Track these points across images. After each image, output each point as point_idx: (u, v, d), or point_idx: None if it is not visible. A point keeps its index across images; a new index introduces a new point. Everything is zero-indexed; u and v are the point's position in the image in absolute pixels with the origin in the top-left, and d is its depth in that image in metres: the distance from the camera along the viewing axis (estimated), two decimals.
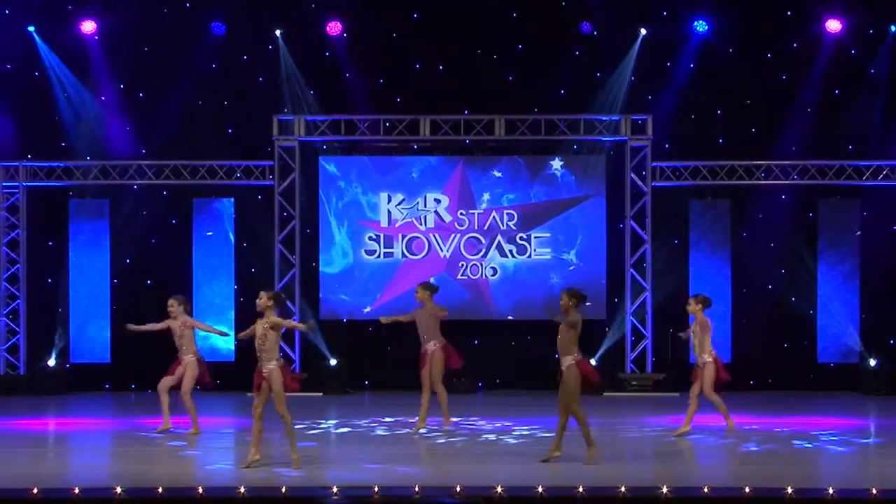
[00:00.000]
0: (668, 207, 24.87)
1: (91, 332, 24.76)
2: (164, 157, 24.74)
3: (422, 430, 18.12)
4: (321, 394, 23.92)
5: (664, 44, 24.74)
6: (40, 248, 24.97)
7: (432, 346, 18.61)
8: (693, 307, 18.24)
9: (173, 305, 18.50)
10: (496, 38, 24.80)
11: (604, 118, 24.63)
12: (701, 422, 18.80)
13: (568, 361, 15.51)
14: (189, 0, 24.84)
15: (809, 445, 17.03)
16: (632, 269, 24.59)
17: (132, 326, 18.73)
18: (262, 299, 15.14)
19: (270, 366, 14.83)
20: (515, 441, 17.35)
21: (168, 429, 17.97)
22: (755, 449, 16.68)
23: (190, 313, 18.65)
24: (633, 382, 24.33)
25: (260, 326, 14.98)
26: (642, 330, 24.57)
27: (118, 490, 12.51)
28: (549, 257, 24.88)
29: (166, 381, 18.24)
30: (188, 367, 18.22)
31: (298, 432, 18.26)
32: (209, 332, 19.43)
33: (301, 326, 15.97)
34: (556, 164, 24.98)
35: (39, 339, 24.90)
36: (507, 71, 24.89)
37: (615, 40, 24.73)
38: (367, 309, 24.73)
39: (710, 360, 18.07)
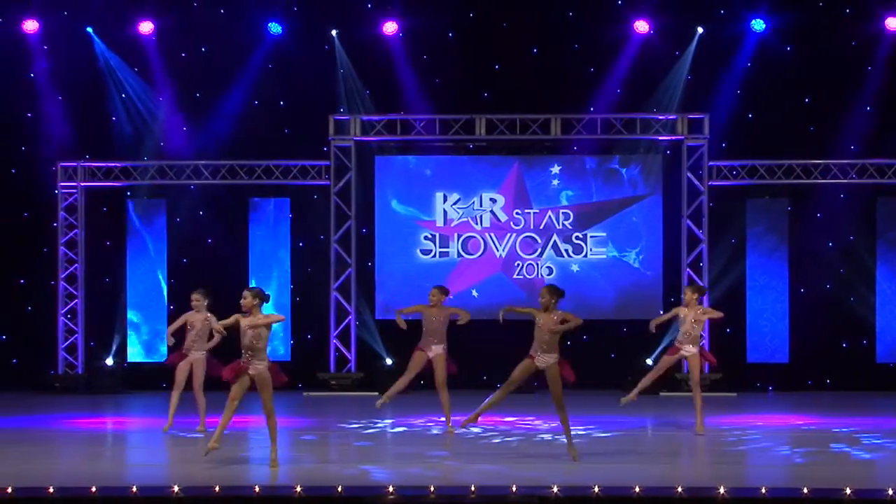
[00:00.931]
0: (725, 207, 24.74)
1: (149, 331, 24.89)
2: (220, 157, 24.85)
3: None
4: (377, 393, 23.88)
5: (721, 42, 24.61)
6: (98, 248, 25.12)
7: (440, 350, 18.49)
8: (689, 297, 18.26)
9: (198, 299, 18.09)
10: (553, 36, 24.72)
11: (660, 117, 24.53)
12: (755, 422, 18.68)
13: (553, 359, 16.21)
14: (246, 1, 24.90)
15: (866, 445, 16.89)
16: (688, 269, 24.47)
17: (170, 336, 18.43)
18: (248, 298, 14.77)
19: (260, 366, 14.72)
20: None
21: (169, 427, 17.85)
22: (811, 450, 16.54)
23: (212, 308, 18.17)
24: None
25: (247, 325, 14.68)
26: None
27: (175, 489, 12.55)
28: (604, 257, 24.81)
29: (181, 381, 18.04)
30: (197, 365, 18.05)
31: (354, 432, 18.33)
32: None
33: (281, 317, 15.35)
34: (612, 163, 24.90)
35: (97, 338, 25.07)
36: (564, 70, 24.82)
37: (672, 39, 24.63)
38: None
39: (696, 351, 18.18)
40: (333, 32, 24.88)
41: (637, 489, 12.52)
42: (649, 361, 24.30)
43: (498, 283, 24.84)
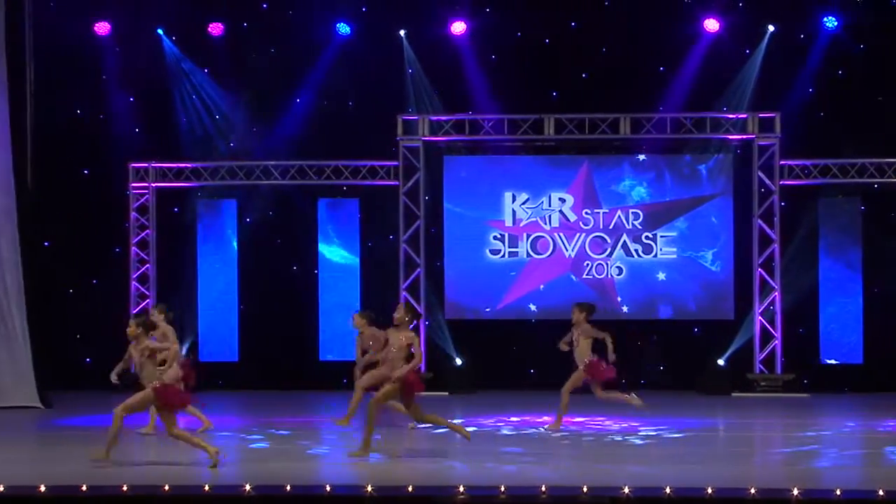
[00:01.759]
0: (797, 206, 24.53)
1: (219, 331, 25.02)
2: (290, 158, 24.94)
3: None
4: (447, 393, 23.93)
5: (792, 40, 24.42)
6: (169, 248, 25.27)
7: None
8: (577, 316, 18.54)
9: (153, 314, 17.69)
10: (622, 36, 24.61)
11: (731, 116, 24.37)
12: (828, 423, 18.50)
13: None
14: (315, 1, 24.97)
15: None
16: (760, 269, 24.29)
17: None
18: (131, 327, 14.81)
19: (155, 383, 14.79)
20: (642, 442, 17.20)
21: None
22: (886, 451, 16.35)
23: (172, 322, 17.84)
24: (763, 383, 24.01)
25: (135, 353, 14.77)
26: (771, 330, 24.24)
27: (247, 488, 12.58)
28: (675, 257, 24.68)
29: None
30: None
31: (423, 431, 18.30)
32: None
33: (160, 346, 15.30)
34: (682, 162, 24.77)
35: None
36: (633, 69, 24.69)
37: (742, 37, 24.46)
38: (487, 309, 24.72)
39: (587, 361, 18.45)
40: (402, 32, 24.91)
41: (709, 490, 12.41)
42: (721, 362, 24.19)
43: (567, 283, 24.77)
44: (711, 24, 24.38)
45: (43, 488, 12.64)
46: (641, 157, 24.83)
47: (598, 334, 18.50)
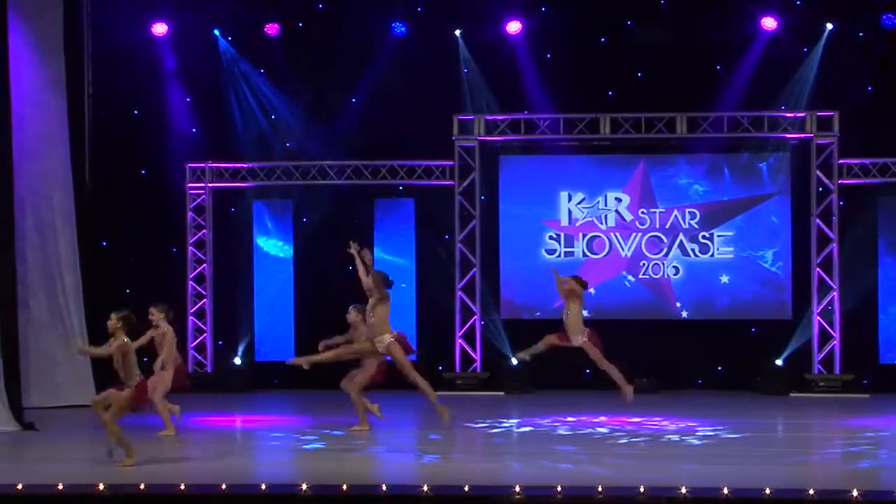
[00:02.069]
0: (856, 205, 24.33)
1: (275, 330, 25.10)
2: (346, 158, 24.97)
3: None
4: (502, 393, 23.91)
5: (851, 38, 24.20)
6: (226, 248, 25.37)
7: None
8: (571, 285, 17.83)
9: (153, 314, 17.44)
10: (678, 34, 24.48)
11: (789, 115, 24.20)
12: (888, 424, 18.36)
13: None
14: (370, 1, 25.00)
15: None
16: (818, 269, 24.11)
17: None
18: (112, 321, 14.65)
19: (130, 383, 14.68)
20: (699, 442, 17.12)
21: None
22: None
23: (172, 322, 17.68)
24: (821, 383, 23.82)
25: (115, 349, 14.59)
26: (830, 330, 24.05)
27: (304, 487, 12.61)
28: (732, 256, 24.53)
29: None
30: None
31: (480, 431, 18.30)
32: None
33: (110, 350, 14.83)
34: (739, 162, 24.63)
35: (226, 337, 25.34)
36: (689, 68, 24.56)
37: (800, 35, 24.28)
38: (537, 313, 24.67)
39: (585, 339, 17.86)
40: (457, 32, 24.90)
41: (768, 491, 12.34)
42: (779, 362, 24.04)
43: (623, 283, 24.69)
44: (769, 23, 24.21)
45: (101, 486, 12.72)
46: (698, 156, 24.68)
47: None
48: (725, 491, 12.33)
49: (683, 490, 12.33)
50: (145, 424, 17.01)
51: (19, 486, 12.78)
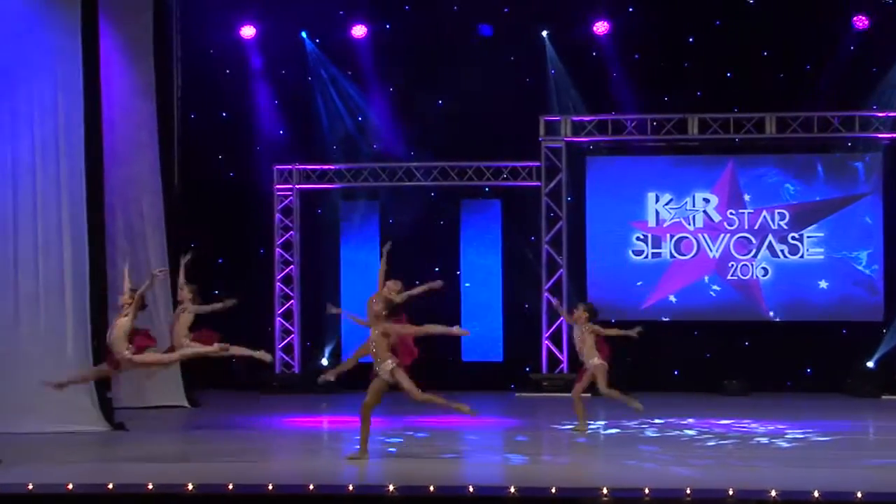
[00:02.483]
0: None
1: (362, 332, 25.04)
2: (432, 159, 25.00)
3: None
4: (589, 395, 23.76)
5: None
6: (313, 250, 25.49)
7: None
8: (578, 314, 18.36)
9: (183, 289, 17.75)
10: (767, 34, 24.27)
11: (880, 115, 23.92)
12: None
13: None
14: (456, 2, 25.02)
15: None
16: None
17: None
18: (126, 296, 15.06)
19: None
20: (788, 445, 16.95)
21: None
22: None
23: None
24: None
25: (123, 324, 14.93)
26: None
27: (391, 488, 12.62)
28: (822, 257, 24.28)
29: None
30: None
31: (566, 433, 18.24)
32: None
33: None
34: (830, 162, 24.37)
35: (313, 338, 25.44)
36: (778, 68, 24.36)
37: (892, 34, 23.96)
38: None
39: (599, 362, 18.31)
40: (544, 33, 24.86)
41: (859, 494, 12.18)
42: (870, 364, 23.76)
43: (711, 284, 24.51)
44: (860, 21, 23.93)
45: (191, 487, 12.80)
46: (788, 156, 24.45)
47: (605, 332, 18.51)
48: (816, 494, 12.18)
49: (773, 493, 12.21)
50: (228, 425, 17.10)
51: (110, 486, 12.90)
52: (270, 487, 12.85)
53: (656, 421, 19.41)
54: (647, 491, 12.49)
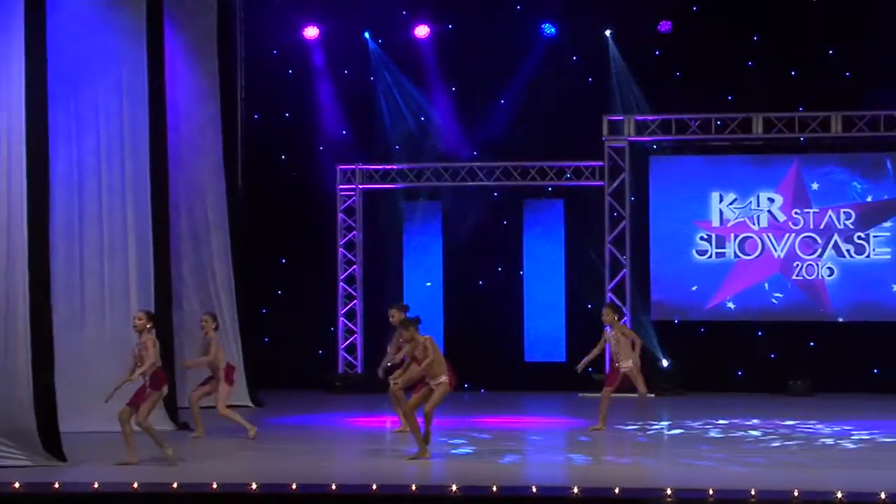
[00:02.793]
0: None
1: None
2: (495, 159, 24.98)
3: None
4: (653, 395, 23.67)
5: None
6: (376, 250, 25.53)
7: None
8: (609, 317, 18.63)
9: (207, 321, 17.97)
10: (831, 32, 24.07)
11: None
12: None
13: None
14: (520, 2, 24.99)
15: None
16: None
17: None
18: (143, 320, 15.10)
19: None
20: (854, 446, 16.82)
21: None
22: None
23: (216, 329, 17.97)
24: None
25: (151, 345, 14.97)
26: None
27: (453, 488, 12.63)
28: (888, 257, 24.05)
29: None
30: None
31: (629, 433, 18.20)
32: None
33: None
34: None
35: (376, 338, 25.44)
36: (845, 67, 24.16)
37: None
38: (675, 320, 24.44)
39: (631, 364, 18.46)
40: (607, 32, 24.79)
41: None
42: None
43: (776, 285, 24.34)
44: None
45: (254, 486, 12.87)
46: (854, 155, 24.23)
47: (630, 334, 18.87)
48: (882, 496, 12.10)
49: (839, 494, 12.13)
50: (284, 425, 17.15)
51: (175, 485, 12.99)
52: (333, 487, 12.90)
53: (720, 421, 19.31)
54: (711, 492, 12.45)
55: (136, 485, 13.00)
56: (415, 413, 15.66)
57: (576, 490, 12.53)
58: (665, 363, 24.21)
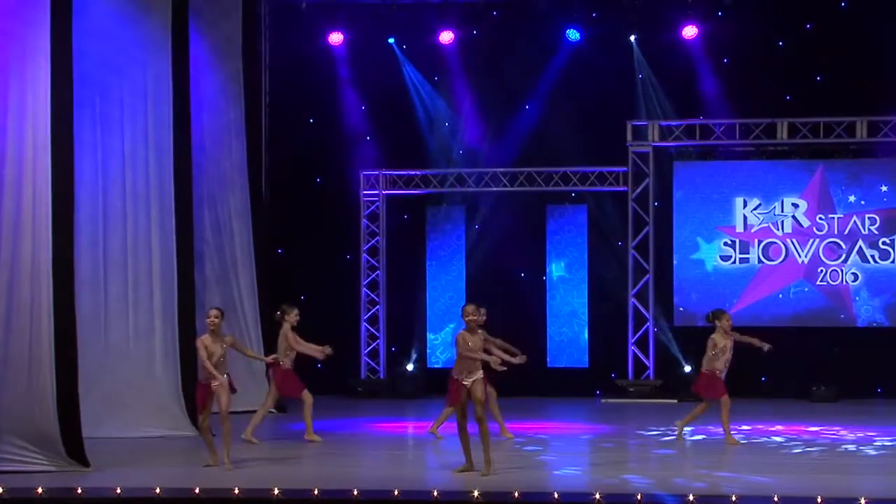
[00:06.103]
0: None
1: (447, 338, 25.18)
2: (518, 164, 24.98)
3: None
4: (675, 401, 23.66)
5: None
6: (399, 255, 25.54)
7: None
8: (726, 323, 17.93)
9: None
10: (856, 37, 23.99)
11: None
12: None
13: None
14: (545, 8, 24.99)
15: None
16: None
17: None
18: (219, 318, 15.36)
19: (216, 384, 15.19)
20: (877, 452, 16.76)
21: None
22: None
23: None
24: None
25: (219, 345, 15.19)
26: None
27: (475, 494, 12.64)
28: None
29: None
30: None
31: (653, 439, 18.17)
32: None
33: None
34: None
35: (398, 344, 25.50)
36: (869, 71, 24.07)
37: None
38: (700, 325, 24.36)
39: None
40: (632, 38, 24.77)
41: None
42: None
43: (800, 290, 24.28)
44: None
45: (276, 491, 12.89)
46: (879, 161, 24.15)
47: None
48: None
49: (862, 501, 12.10)
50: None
51: (197, 490, 13.02)
52: (355, 492, 12.91)
53: (743, 427, 19.26)
54: (733, 498, 12.43)
55: (158, 490, 13.04)
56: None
57: (598, 496, 12.52)
58: (687, 369, 24.16)
